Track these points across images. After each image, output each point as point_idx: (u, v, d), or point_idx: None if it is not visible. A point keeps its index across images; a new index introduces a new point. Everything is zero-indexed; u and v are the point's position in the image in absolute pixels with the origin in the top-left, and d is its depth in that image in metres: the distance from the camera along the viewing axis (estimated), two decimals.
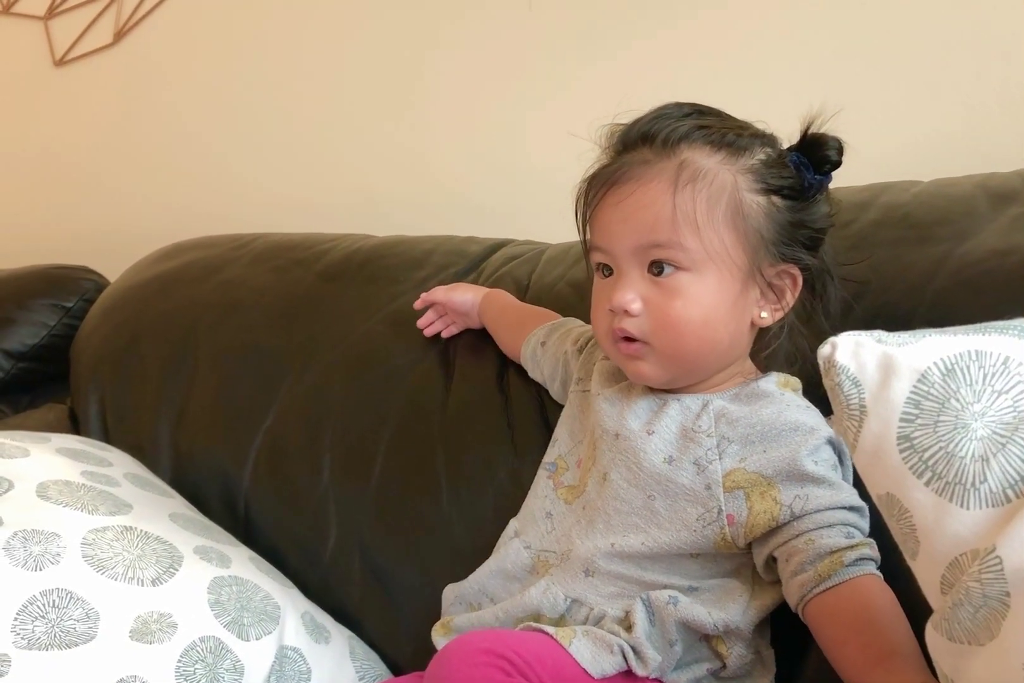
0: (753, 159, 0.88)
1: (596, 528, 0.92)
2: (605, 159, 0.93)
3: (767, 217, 0.88)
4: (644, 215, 0.87)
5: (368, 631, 1.15)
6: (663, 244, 0.87)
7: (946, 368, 0.61)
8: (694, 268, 0.87)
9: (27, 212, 2.19)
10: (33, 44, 2.12)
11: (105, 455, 1.24)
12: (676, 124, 0.89)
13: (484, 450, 1.15)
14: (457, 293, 1.22)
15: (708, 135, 0.88)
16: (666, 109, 0.91)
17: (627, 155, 0.90)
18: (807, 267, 0.90)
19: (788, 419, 0.88)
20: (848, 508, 0.85)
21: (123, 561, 1.00)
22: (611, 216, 0.89)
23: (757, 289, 0.90)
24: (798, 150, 0.90)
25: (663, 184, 0.87)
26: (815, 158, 0.89)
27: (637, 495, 0.90)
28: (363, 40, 1.76)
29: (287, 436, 1.28)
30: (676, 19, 1.47)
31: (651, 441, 0.91)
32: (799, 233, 0.89)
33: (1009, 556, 0.55)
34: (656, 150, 0.88)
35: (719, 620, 0.85)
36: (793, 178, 0.89)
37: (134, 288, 1.56)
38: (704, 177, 0.87)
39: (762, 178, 0.88)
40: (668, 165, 0.87)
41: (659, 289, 0.88)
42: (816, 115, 0.89)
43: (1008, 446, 0.58)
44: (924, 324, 0.92)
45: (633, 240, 0.88)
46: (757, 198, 0.88)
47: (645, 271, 0.88)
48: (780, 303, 0.91)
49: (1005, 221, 0.99)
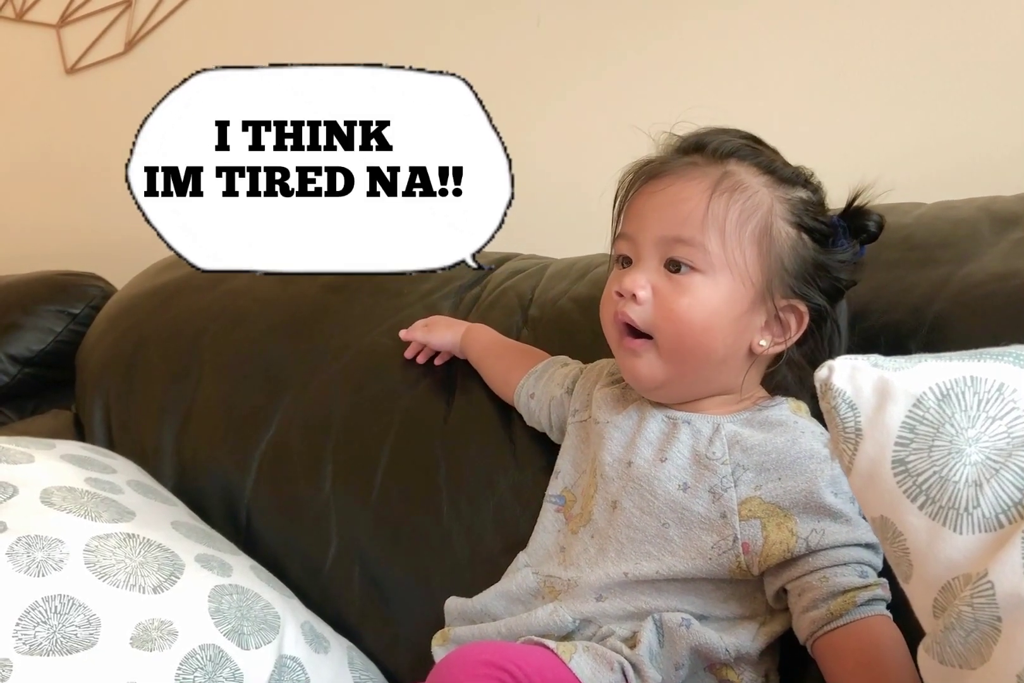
0: (794, 194, 0.91)
1: (607, 556, 0.92)
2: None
3: (792, 249, 0.89)
4: (677, 209, 0.89)
5: (367, 642, 1.16)
6: (687, 241, 0.88)
7: (941, 393, 0.61)
8: (710, 272, 0.88)
9: (36, 218, 2.20)
10: (45, 52, 2.13)
11: (109, 462, 1.24)
12: (731, 139, 0.92)
13: (485, 464, 1.15)
14: (435, 335, 1.22)
15: (757, 157, 0.91)
16: (724, 128, 0.94)
17: (676, 156, 0.93)
18: (817, 310, 0.91)
19: (803, 447, 0.88)
20: (864, 545, 0.85)
21: (125, 568, 1.00)
22: (646, 203, 0.92)
23: (764, 316, 0.91)
24: (842, 216, 0.93)
25: (703, 185, 0.89)
26: (855, 226, 0.92)
27: (651, 523, 0.90)
28: (372, 50, 1.77)
29: (290, 446, 1.29)
30: (681, 35, 1.49)
31: (664, 468, 0.91)
32: (819, 275, 0.91)
33: (1001, 581, 0.56)
34: (706, 157, 0.91)
35: (731, 645, 0.86)
36: (827, 227, 0.91)
37: (141, 296, 1.57)
38: (744, 191, 0.89)
39: (798, 213, 0.90)
40: (713, 171, 0.90)
41: (671, 283, 0.89)
42: (866, 187, 0.92)
43: (1001, 472, 0.58)
44: (924, 346, 0.94)
45: (660, 230, 0.90)
46: (788, 228, 0.89)
47: (662, 265, 0.90)
48: (783, 337, 0.92)
49: (1007, 245, 1.00)
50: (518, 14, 1.61)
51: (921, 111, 1.32)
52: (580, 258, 1.32)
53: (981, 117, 1.28)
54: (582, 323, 1.18)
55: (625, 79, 1.53)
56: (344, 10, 1.79)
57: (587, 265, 1.28)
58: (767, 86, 1.43)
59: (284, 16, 1.87)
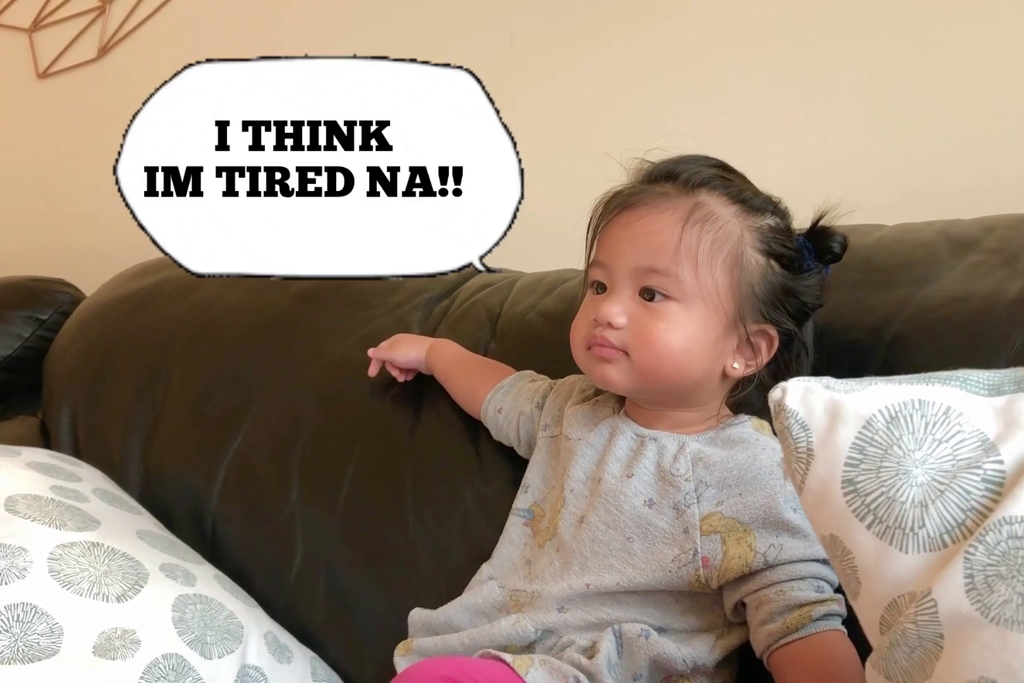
0: (763, 222, 0.93)
1: (571, 569, 0.93)
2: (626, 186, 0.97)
3: (762, 276, 0.91)
4: (650, 240, 0.91)
5: (331, 652, 1.16)
6: (661, 271, 0.90)
7: (890, 415, 0.63)
8: (684, 300, 0.90)
9: (4, 224, 2.19)
10: (17, 56, 2.13)
11: (75, 470, 1.24)
12: (701, 169, 0.93)
13: (451, 476, 1.16)
14: (399, 352, 1.23)
15: (727, 187, 0.93)
16: (694, 156, 0.95)
17: (647, 185, 0.95)
18: (786, 332, 0.93)
19: (763, 464, 0.90)
20: (821, 561, 0.86)
21: (89, 577, 1.00)
22: (619, 234, 0.93)
23: (736, 340, 0.92)
24: (806, 236, 0.94)
25: (675, 216, 0.90)
26: (819, 247, 0.94)
27: (615, 537, 0.92)
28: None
29: (257, 456, 1.29)
30: (657, 52, 1.51)
31: (631, 484, 0.93)
32: (787, 300, 0.93)
33: (943, 599, 0.57)
34: (677, 187, 0.93)
35: (688, 656, 0.87)
36: (794, 252, 0.93)
37: (110, 303, 1.57)
38: (715, 221, 0.90)
39: (767, 241, 0.92)
40: (685, 202, 0.91)
41: (646, 311, 0.91)
42: (831, 207, 0.95)
43: (946, 493, 0.60)
44: (882, 366, 0.96)
45: (634, 260, 0.91)
46: (757, 256, 0.91)
47: (637, 293, 0.91)
48: (754, 360, 0.94)
49: (964, 268, 1.01)
50: (492, 32, 1.62)
51: (884, 134, 1.34)
52: (549, 273, 1.33)
53: (942, 141, 1.30)
54: (551, 337, 1.19)
55: (599, 92, 1.55)
56: (316, 33, 1.80)
57: (556, 280, 1.29)
58: (738, 105, 1.45)
59: (258, 25, 1.87)
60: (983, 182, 1.26)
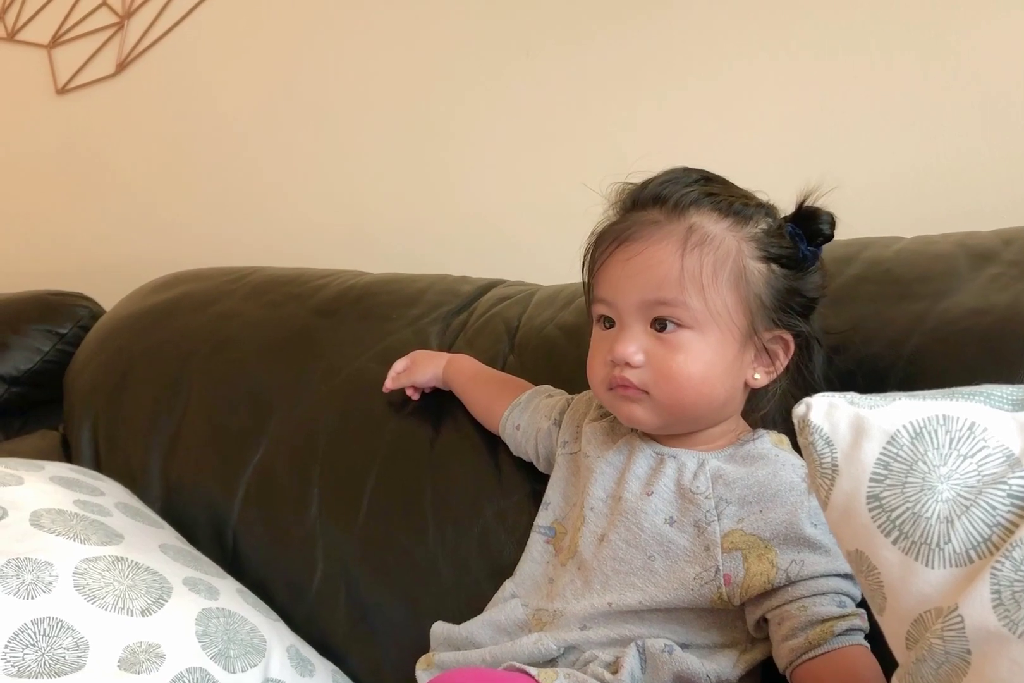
0: (756, 228, 0.92)
1: (593, 588, 0.93)
2: (614, 215, 0.97)
3: (766, 284, 0.91)
4: (652, 273, 0.90)
5: (352, 666, 1.17)
6: (669, 302, 0.89)
7: (915, 431, 0.63)
8: (696, 326, 0.89)
9: (25, 238, 2.21)
10: (36, 72, 2.15)
11: (97, 484, 1.25)
12: (686, 189, 0.92)
13: (471, 489, 1.16)
14: (417, 374, 1.23)
15: (716, 202, 0.92)
16: (675, 174, 0.94)
17: (637, 214, 0.93)
18: (800, 334, 0.94)
19: (783, 480, 0.90)
20: (842, 576, 0.86)
21: (113, 591, 1.01)
22: (619, 272, 0.92)
23: (753, 351, 0.92)
24: (793, 222, 0.93)
25: (672, 245, 0.90)
26: (809, 230, 0.93)
27: (637, 556, 0.92)
28: (365, 87, 1.79)
29: (276, 470, 1.30)
30: (674, 63, 1.51)
31: (651, 502, 0.93)
32: (794, 300, 0.93)
33: (970, 615, 0.57)
34: (667, 212, 0.91)
35: (712, 671, 0.87)
36: (791, 248, 0.92)
37: (130, 317, 1.58)
38: (711, 242, 0.90)
39: (763, 246, 0.91)
40: (678, 228, 0.90)
41: (661, 344, 0.90)
42: (813, 189, 0.93)
43: (972, 509, 0.60)
44: (901, 380, 0.96)
45: (639, 296, 0.90)
46: (758, 265, 0.91)
47: (648, 326, 0.91)
48: (773, 366, 0.94)
49: (983, 280, 1.01)
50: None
51: (900, 146, 1.35)
52: (566, 285, 1.33)
53: (960, 154, 1.31)
54: (568, 350, 1.19)
55: (612, 104, 1.56)
56: (335, 50, 1.82)
57: (574, 292, 1.29)
58: (748, 123, 1.45)
59: (274, 40, 1.89)
60: (1001, 194, 1.26)
